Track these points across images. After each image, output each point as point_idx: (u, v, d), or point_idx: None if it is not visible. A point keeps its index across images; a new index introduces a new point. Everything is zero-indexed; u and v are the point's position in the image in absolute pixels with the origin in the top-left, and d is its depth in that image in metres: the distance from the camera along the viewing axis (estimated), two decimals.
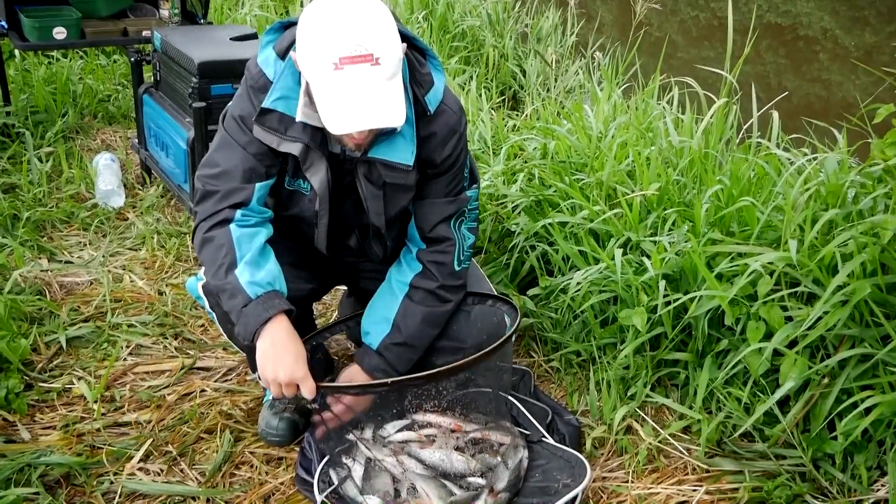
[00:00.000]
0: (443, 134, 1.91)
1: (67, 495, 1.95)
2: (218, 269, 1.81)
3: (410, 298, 2.01)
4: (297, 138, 1.83)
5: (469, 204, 2.04)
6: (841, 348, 1.96)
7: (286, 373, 1.75)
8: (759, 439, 2.10)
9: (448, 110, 1.92)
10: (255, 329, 1.76)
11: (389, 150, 1.86)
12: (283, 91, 1.82)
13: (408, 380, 1.91)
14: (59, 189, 3.54)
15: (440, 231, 2.00)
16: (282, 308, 1.79)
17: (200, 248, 1.88)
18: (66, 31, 3.61)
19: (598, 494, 2.02)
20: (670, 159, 2.76)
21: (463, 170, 2.01)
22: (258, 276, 1.80)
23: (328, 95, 1.65)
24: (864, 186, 2.15)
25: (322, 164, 1.87)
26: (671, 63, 3.37)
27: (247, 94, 1.89)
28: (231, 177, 1.87)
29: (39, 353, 2.46)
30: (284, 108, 1.82)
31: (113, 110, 4.50)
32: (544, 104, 3.76)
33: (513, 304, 2.09)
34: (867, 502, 1.89)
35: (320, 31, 1.65)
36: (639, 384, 2.27)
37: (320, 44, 1.64)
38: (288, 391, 1.77)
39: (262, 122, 1.83)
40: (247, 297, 1.77)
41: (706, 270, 2.15)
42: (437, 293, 2.01)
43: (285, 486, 2.02)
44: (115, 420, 2.22)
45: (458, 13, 5.31)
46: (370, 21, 1.64)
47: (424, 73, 1.88)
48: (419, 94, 1.86)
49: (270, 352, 1.76)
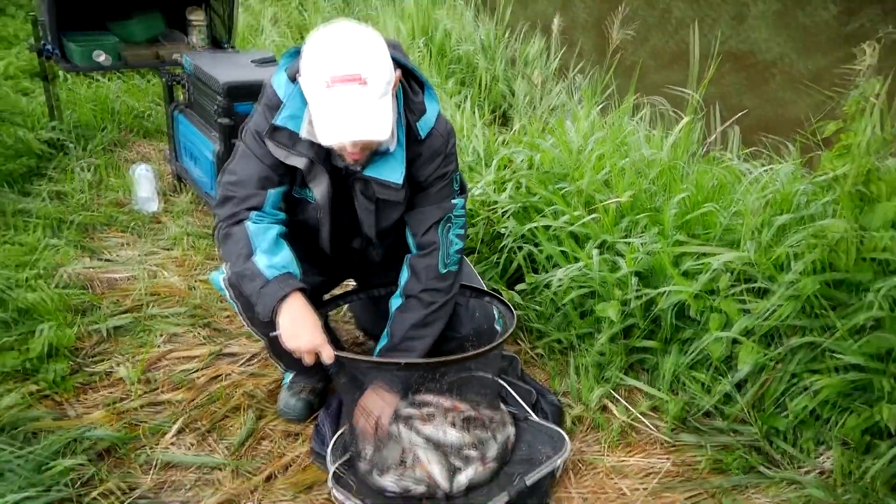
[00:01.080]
0: (427, 155, 1.91)
1: (110, 465, 1.96)
2: (237, 259, 1.82)
3: (400, 309, 2.00)
4: (304, 153, 1.84)
5: (455, 211, 2.02)
6: (791, 337, 1.98)
7: (306, 341, 1.75)
8: (719, 417, 2.11)
9: (437, 135, 1.92)
10: (273, 305, 1.76)
11: (383, 169, 1.86)
12: (291, 110, 1.83)
13: (417, 363, 1.92)
14: (101, 196, 3.54)
15: (429, 236, 2.00)
16: (296, 286, 1.78)
17: (221, 244, 1.89)
18: (107, 56, 3.62)
19: (577, 465, 2.03)
20: (642, 170, 2.76)
21: (452, 183, 2.00)
22: (274, 261, 1.80)
23: (320, 111, 1.68)
24: (814, 194, 2.16)
25: (324, 178, 1.88)
26: (643, 84, 3.38)
27: (263, 111, 1.90)
28: (247, 184, 1.88)
29: (84, 340, 2.47)
30: (293, 125, 1.83)
31: (148, 126, 4.49)
32: (530, 121, 3.77)
33: (508, 305, 2.08)
34: (812, 472, 1.91)
35: (317, 54, 1.67)
36: (613, 369, 2.28)
37: (316, 66, 1.66)
38: (309, 358, 1.77)
39: (272, 137, 1.84)
40: (264, 279, 1.77)
41: (673, 268, 2.16)
42: (421, 297, 1.99)
43: (301, 458, 2.04)
44: (152, 400, 2.23)
45: (454, 40, 5.31)
46: (362, 47, 1.66)
47: (417, 102, 1.89)
48: (411, 120, 1.87)
49: (290, 325, 1.76)
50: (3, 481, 1.76)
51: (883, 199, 1.96)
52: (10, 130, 3.64)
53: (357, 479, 1.87)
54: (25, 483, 1.76)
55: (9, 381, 2.21)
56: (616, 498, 1.93)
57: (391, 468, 1.87)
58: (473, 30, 5.54)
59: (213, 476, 1.96)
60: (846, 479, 1.85)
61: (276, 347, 2.15)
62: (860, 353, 1.82)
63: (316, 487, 1.94)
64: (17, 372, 2.24)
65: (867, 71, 1.99)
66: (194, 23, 3.97)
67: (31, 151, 3.66)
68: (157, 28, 3.93)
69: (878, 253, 1.88)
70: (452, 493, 1.82)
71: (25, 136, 3.68)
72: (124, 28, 3.83)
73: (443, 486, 1.82)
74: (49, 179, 3.59)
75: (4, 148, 3.56)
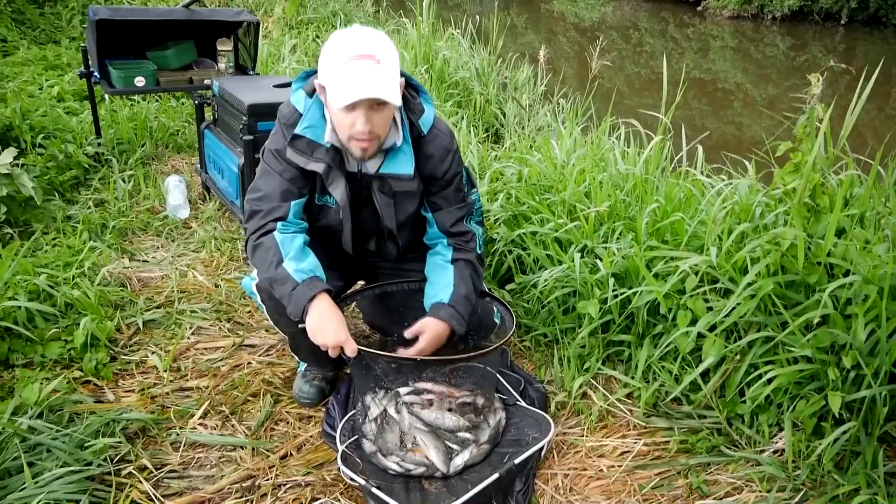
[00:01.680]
0: (439, 154, 1.91)
1: (143, 444, 1.94)
2: (269, 266, 1.81)
3: (459, 267, 1.97)
4: (321, 159, 1.83)
5: (475, 205, 2.06)
6: (749, 332, 1.97)
7: (332, 337, 1.74)
8: (686, 403, 2.10)
9: (441, 134, 1.92)
10: (303, 306, 1.75)
11: (394, 164, 1.87)
12: (310, 121, 1.83)
13: (427, 361, 1.91)
14: (138, 204, 3.52)
15: (459, 228, 2.00)
16: (323, 288, 1.77)
17: (252, 253, 1.88)
18: (145, 80, 3.62)
19: (560, 445, 2.02)
20: (618, 183, 2.76)
21: (462, 179, 2.00)
22: (302, 265, 1.79)
23: (338, 82, 1.66)
24: (769, 205, 2.16)
25: (342, 181, 1.88)
26: (619, 108, 3.37)
27: (280, 131, 1.89)
28: (271, 198, 1.87)
29: (122, 332, 2.45)
30: (312, 135, 1.83)
31: (181, 142, 4.48)
32: (520, 139, 3.76)
33: (508, 308, 2.06)
34: (768, 452, 1.89)
35: (336, 42, 1.69)
36: (592, 360, 2.27)
37: (335, 51, 1.67)
38: (334, 352, 1.76)
39: (293, 145, 1.83)
40: (294, 282, 1.76)
41: (646, 270, 2.15)
42: (475, 262, 2.00)
43: (314, 439, 2.02)
44: (181, 385, 2.21)
45: (452, 67, 5.30)
46: (376, 35, 1.69)
47: (416, 104, 1.89)
48: (413, 119, 1.87)
49: (318, 323, 1.75)
50: (49, 457, 1.74)
51: (828, 211, 1.97)
52: (61, 147, 3.63)
53: (363, 459, 1.85)
54: (70, 459, 1.74)
55: (54, 367, 2.20)
56: (595, 475, 1.91)
57: (393, 450, 1.85)
58: (469, 58, 5.54)
59: (235, 454, 1.94)
60: (797, 457, 1.84)
61: (294, 343, 2.14)
62: (810, 347, 1.81)
63: (326, 465, 1.92)
64: (62, 360, 2.23)
65: (814, 98, 1.99)
66: (222, 51, 3.99)
67: (78, 164, 3.65)
68: (189, 56, 3.93)
69: (825, 258, 1.88)
70: (449, 474, 1.80)
71: (73, 151, 3.67)
72: (161, 56, 3.83)
73: (440, 468, 1.80)
74: (93, 189, 3.58)
75: (55, 162, 3.55)
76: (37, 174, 3.32)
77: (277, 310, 1.90)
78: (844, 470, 1.78)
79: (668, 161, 2.98)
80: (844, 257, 1.87)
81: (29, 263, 2.51)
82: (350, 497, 1.81)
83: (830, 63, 2.93)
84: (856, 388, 1.77)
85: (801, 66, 10.39)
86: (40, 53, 5.76)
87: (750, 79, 9.65)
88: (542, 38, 10.18)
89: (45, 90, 4.78)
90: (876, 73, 2.03)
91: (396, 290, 2.14)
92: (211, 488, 1.80)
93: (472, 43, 5.97)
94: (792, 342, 1.86)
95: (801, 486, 1.79)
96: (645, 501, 1.82)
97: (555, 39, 10.74)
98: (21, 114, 3.78)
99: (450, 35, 6.05)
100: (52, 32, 6.57)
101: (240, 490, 1.81)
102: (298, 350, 2.16)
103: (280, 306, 1.83)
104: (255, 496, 1.79)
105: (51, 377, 2.11)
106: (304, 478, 1.86)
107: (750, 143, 5.03)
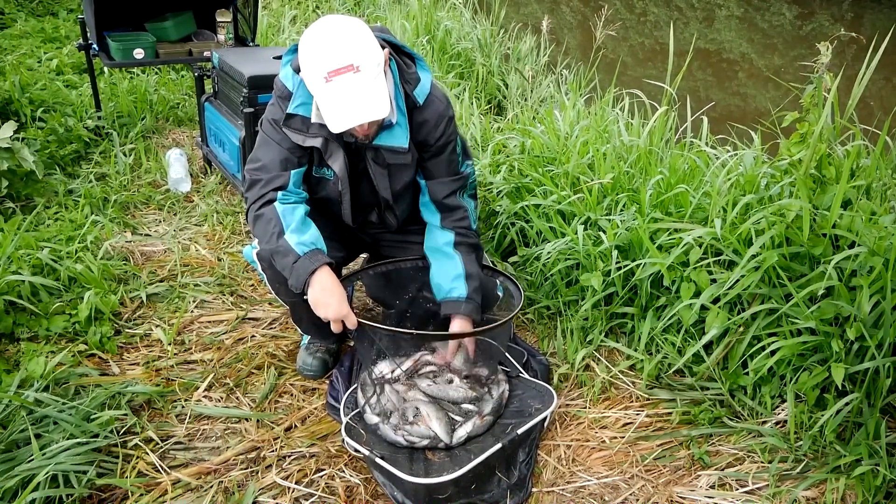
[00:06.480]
0: (433, 120, 1.89)
1: (149, 416, 1.96)
2: (270, 237, 1.81)
3: (463, 255, 1.98)
4: (318, 134, 1.84)
5: (469, 179, 2.04)
6: (753, 304, 1.96)
7: (334, 310, 1.75)
8: (689, 375, 2.10)
9: (436, 100, 1.90)
10: (305, 279, 1.75)
11: (390, 137, 1.86)
12: (301, 99, 1.83)
13: (428, 335, 1.94)
14: (140, 177, 3.50)
15: (452, 201, 1.99)
16: (325, 261, 1.78)
17: (253, 223, 1.87)
18: (144, 52, 3.58)
19: (563, 417, 2.03)
20: (622, 155, 2.73)
21: (456, 148, 1.99)
22: (304, 238, 1.79)
23: (325, 103, 1.66)
24: (774, 177, 2.14)
25: (340, 153, 1.87)
26: (623, 79, 3.33)
27: (276, 102, 1.90)
28: (271, 167, 1.87)
29: (125, 306, 2.45)
30: (305, 111, 1.83)
31: (181, 115, 4.44)
32: (522, 110, 3.71)
33: (515, 282, 2.06)
34: (770, 423, 1.90)
35: (311, 52, 1.66)
36: (595, 332, 2.26)
37: (313, 63, 1.65)
38: (335, 326, 1.77)
39: (288, 124, 1.84)
40: (296, 255, 1.77)
41: (649, 242, 2.14)
42: (474, 245, 2.02)
43: (318, 411, 2.03)
44: (185, 359, 2.22)
45: (454, 38, 5.24)
46: (348, 38, 1.64)
47: (411, 73, 1.87)
48: (408, 89, 1.85)
49: (320, 296, 1.75)
50: (56, 429, 1.76)
51: (834, 182, 1.95)
52: (61, 120, 3.61)
53: (367, 430, 1.86)
54: (77, 431, 1.75)
55: (59, 341, 2.20)
56: (597, 446, 1.92)
57: (397, 422, 1.85)
58: (471, 29, 5.46)
59: (240, 426, 1.95)
60: (799, 429, 1.84)
61: (296, 314, 2.14)
62: (814, 319, 1.81)
63: (330, 437, 1.93)
64: (67, 333, 2.23)
65: (823, 67, 1.96)
66: (222, 23, 3.94)
67: (78, 138, 3.62)
68: (188, 28, 3.88)
69: (830, 229, 1.87)
70: (452, 445, 1.81)
71: (74, 124, 3.64)
72: (160, 28, 3.78)
73: (444, 439, 1.81)
74: (94, 163, 3.56)
75: (56, 135, 3.53)
76: (37, 148, 3.31)
77: (278, 279, 1.91)
78: (846, 441, 1.78)
79: (672, 132, 2.96)
80: (850, 229, 1.86)
81: (31, 238, 2.51)
82: (354, 468, 1.82)
83: (841, 31, 2.88)
84: (859, 360, 1.77)
85: (807, 35, 10.24)
86: (38, 26, 5.69)
87: (756, 48, 9.52)
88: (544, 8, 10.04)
89: (44, 63, 4.74)
90: (885, 41, 1.99)
91: (399, 268, 2.14)
92: (216, 459, 1.82)
93: (474, 13, 5.88)
94: (796, 314, 1.85)
95: (802, 457, 1.80)
96: (647, 472, 1.83)
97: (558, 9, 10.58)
98: (20, 87, 3.75)
99: (451, 5, 5.96)
100: (50, 4, 6.49)
101: (245, 461, 1.82)
102: (300, 321, 2.16)
103: (280, 276, 1.84)
104: (261, 467, 1.81)
105: (56, 350, 2.11)
106: (309, 449, 1.87)
107: (755, 114, 4.97)
